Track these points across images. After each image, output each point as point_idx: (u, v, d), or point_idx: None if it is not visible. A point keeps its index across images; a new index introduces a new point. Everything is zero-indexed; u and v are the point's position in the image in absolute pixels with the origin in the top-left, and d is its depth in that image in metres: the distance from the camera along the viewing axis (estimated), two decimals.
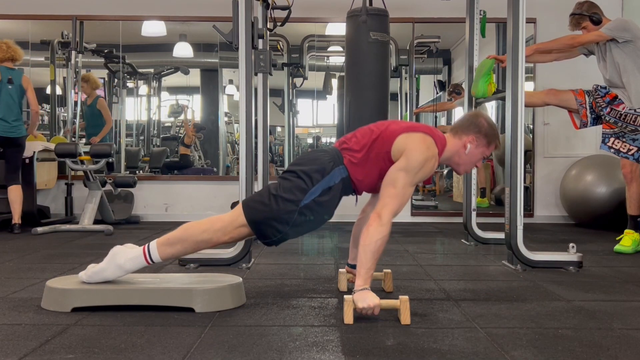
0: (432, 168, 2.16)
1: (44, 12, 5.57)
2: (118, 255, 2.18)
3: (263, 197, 2.16)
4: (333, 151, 2.23)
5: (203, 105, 6.88)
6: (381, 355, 1.64)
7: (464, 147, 2.25)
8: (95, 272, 2.18)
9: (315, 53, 6.21)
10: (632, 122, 3.57)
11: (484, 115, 2.30)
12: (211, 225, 2.18)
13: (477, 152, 2.27)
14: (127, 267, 2.17)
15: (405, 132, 2.17)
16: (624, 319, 2.08)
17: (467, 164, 2.30)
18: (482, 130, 2.25)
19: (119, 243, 2.27)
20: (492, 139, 2.27)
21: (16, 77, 4.50)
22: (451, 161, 2.31)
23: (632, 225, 3.68)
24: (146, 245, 2.16)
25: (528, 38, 5.03)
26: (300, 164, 2.21)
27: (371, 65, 3.76)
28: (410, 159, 2.10)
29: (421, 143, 2.14)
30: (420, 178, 2.14)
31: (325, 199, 2.15)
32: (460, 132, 2.27)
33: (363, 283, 2.01)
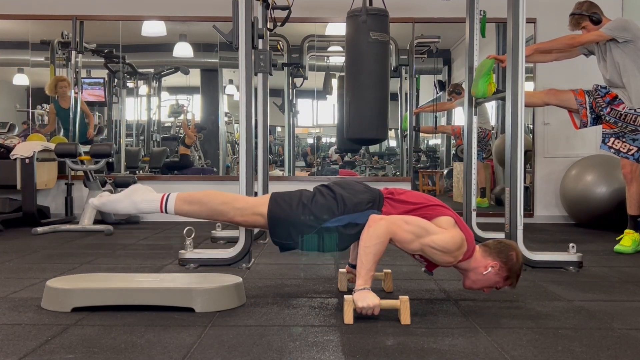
0: (444, 261, 2.10)
1: (44, 12, 5.57)
2: (137, 192, 2.19)
3: (293, 199, 2.17)
4: (377, 194, 2.23)
5: (203, 105, 6.88)
6: (381, 355, 1.64)
7: (485, 267, 2.14)
8: (109, 201, 2.19)
9: (315, 53, 6.21)
10: (632, 122, 3.57)
11: (518, 250, 2.18)
12: (233, 201, 2.20)
13: (493, 279, 2.15)
14: (141, 206, 2.18)
15: (454, 219, 2.13)
16: (624, 319, 2.08)
17: (477, 283, 2.18)
18: (509, 263, 2.13)
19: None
20: (512, 276, 2.15)
21: None
22: (465, 272, 2.19)
23: (632, 225, 3.68)
24: (166, 194, 2.18)
25: (528, 38, 5.04)
26: (342, 187, 2.22)
27: (371, 65, 3.76)
28: (439, 235, 2.06)
29: (458, 239, 2.07)
30: (429, 253, 2.08)
31: (347, 232, 2.15)
32: (489, 253, 2.15)
33: (363, 283, 2.01)
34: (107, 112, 6.48)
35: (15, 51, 6.12)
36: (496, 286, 2.17)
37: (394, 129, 6.58)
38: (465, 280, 2.21)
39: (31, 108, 6.13)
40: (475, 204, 3.97)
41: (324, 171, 6.74)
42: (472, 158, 4.00)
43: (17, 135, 5.67)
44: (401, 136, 6.33)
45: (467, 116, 4.09)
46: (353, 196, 2.18)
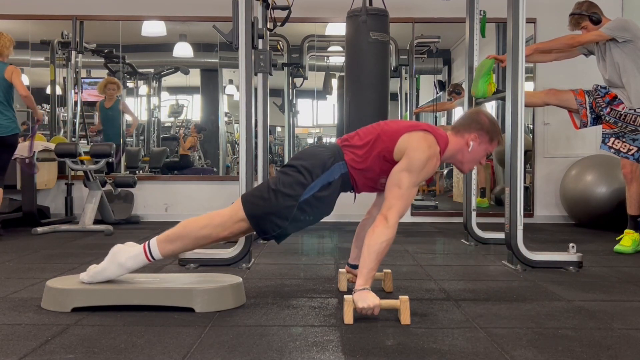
0: (434, 166, 2.16)
1: (44, 12, 5.57)
2: (119, 254, 2.18)
3: (262, 191, 2.16)
4: (334, 147, 2.24)
5: (203, 105, 6.88)
6: (381, 355, 1.64)
7: (466, 145, 2.24)
8: (97, 272, 2.18)
9: (315, 53, 6.21)
10: (632, 122, 3.57)
11: (484, 112, 2.29)
12: (210, 221, 2.18)
13: (481, 149, 2.27)
14: (128, 265, 2.17)
15: (407, 131, 2.17)
16: (624, 319, 2.08)
17: (471, 161, 2.29)
18: (484, 127, 2.25)
19: (119, 243, 2.27)
20: (495, 135, 2.28)
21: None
22: (454, 159, 2.30)
23: (632, 225, 3.68)
24: (146, 243, 2.17)
25: (528, 38, 5.03)
26: (300, 158, 2.21)
27: (371, 65, 3.76)
28: (412, 159, 2.10)
29: (423, 142, 2.13)
30: (424, 177, 2.14)
31: (325, 194, 2.15)
32: (462, 130, 2.26)
33: (364, 283, 2.01)
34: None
35: (15, 51, 6.06)
36: (488, 152, 2.28)
37: None
38: (460, 167, 2.31)
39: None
40: (475, 204, 3.97)
41: None
42: None
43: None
44: None
45: None
46: (313, 159, 2.18)
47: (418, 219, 5.53)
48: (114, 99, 6.04)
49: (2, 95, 4.17)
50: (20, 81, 4.22)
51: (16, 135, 4.25)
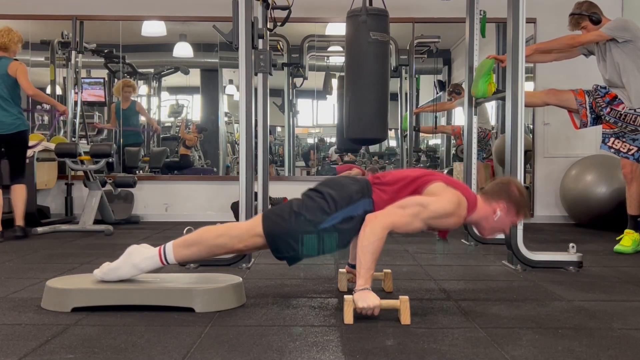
0: (451, 224, 2.11)
1: (44, 12, 5.57)
2: (134, 254, 2.18)
3: (284, 211, 2.16)
4: (364, 183, 2.22)
5: (203, 105, 6.88)
6: (381, 355, 1.64)
7: (493, 213, 2.17)
8: (110, 270, 2.18)
9: (315, 53, 6.21)
10: (632, 122, 3.57)
11: (516, 182, 2.22)
12: (228, 231, 2.19)
13: (507, 219, 2.19)
14: (142, 266, 2.17)
15: (443, 181, 2.15)
16: (624, 319, 2.08)
17: (494, 229, 2.21)
18: (512, 198, 2.18)
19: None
20: (522, 209, 2.20)
21: (1, 65, 4.08)
22: (478, 224, 2.23)
23: (632, 225, 3.68)
24: (162, 246, 2.17)
25: (528, 38, 5.03)
26: (328, 186, 2.21)
27: (371, 65, 3.76)
28: (435, 203, 2.07)
29: (455, 199, 2.09)
30: (433, 224, 2.09)
31: (345, 227, 2.14)
32: (491, 197, 2.19)
33: (364, 283, 2.00)
34: (107, 112, 6.48)
35: None
36: (513, 223, 2.22)
37: (394, 129, 6.58)
38: (482, 231, 2.24)
39: (31, 108, 6.13)
40: None
41: (323, 171, 6.74)
42: (472, 158, 4.00)
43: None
44: (401, 136, 6.33)
45: (467, 116, 4.09)
46: (341, 191, 2.17)
47: None
48: (130, 100, 6.15)
49: (6, 92, 4.09)
50: (25, 79, 4.12)
51: (22, 132, 4.14)
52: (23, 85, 4.12)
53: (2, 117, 4.06)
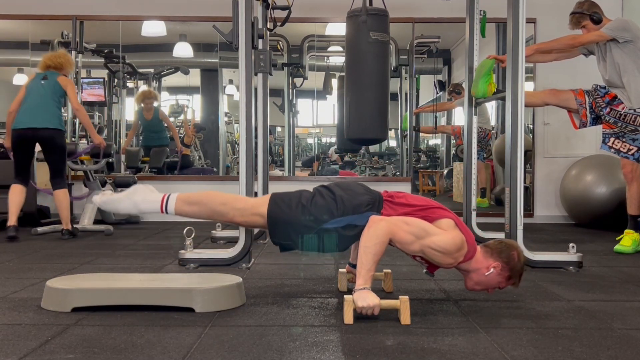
0: (444, 263, 2.10)
1: (44, 12, 5.57)
2: (137, 193, 2.20)
3: (292, 200, 2.17)
4: (377, 196, 2.23)
5: (203, 105, 6.88)
6: (381, 355, 1.64)
7: (487, 268, 2.14)
8: (111, 200, 2.20)
9: (315, 53, 6.21)
10: (632, 122, 3.57)
11: (519, 249, 2.18)
12: (233, 201, 2.21)
13: (495, 279, 2.15)
14: (142, 207, 2.19)
15: (454, 221, 2.13)
16: (624, 319, 2.08)
17: (480, 284, 2.17)
18: (510, 262, 2.13)
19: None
20: (514, 276, 2.14)
21: (52, 75, 4.27)
22: (467, 273, 2.19)
23: (632, 225, 3.68)
24: (166, 195, 2.19)
25: (528, 38, 5.03)
26: (343, 188, 2.22)
27: (371, 65, 3.76)
28: (439, 235, 2.06)
29: (458, 241, 2.07)
30: (429, 254, 2.08)
31: (346, 233, 2.16)
32: (491, 253, 2.16)
33: (364, 283, 2.01)
34: (107, 112, 6.48)
35: (15, 51, 6.12)
36: (499, 286, 2.17)
37: (394, 129, 6.58)
38: (468, 282, 2.20)
39: None
40: (475, 204, 3.97)
41: (323, 171, 6.74)
42: (472, 158, 4.00)
43: None
44: (401, 136, 6.33)
45: (467, 116, 4.09)
46: (353, 198, 2.19)
47: None
48: (153, 109, 6.23)
49: (50, 95, 4.19)
50: (74, 93, 4.29)
51: (58, 132, 4.15)
52: (71, 97, 4.27)
53: (41, 112, 4.12)
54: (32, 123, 4.07)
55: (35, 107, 4.12)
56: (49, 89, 4.20)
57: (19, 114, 4.12)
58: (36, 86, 4.20)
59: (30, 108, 4.12)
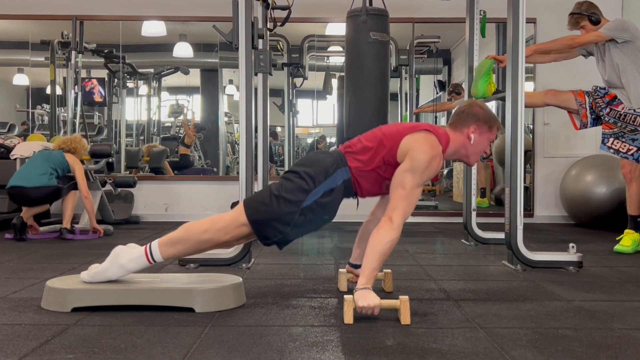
0: (437, 166, 2.17)
1: (44, 12, 5.57)
2: (120, 255, 2.18)
3: (264, 197, 2.16)
4: (336, 154, 2.25)
5: (203, 105, 6.88)
6: (381, 355, 1.64)
7: (467, 138, 2.26)
8: (97, 272, 2.18)
9: (315, 53, 6.21)
10: (632, 122, 3.57)
11: (477, 102, 2.32)
12: (212, 225, 2.18)
13: (483, 139, 2.29)
14: (129, 267, 2.17)
15: (409, 132, 2.18)
16: (624, 319, 2.08)
17: (476, 153, 2.31)
18: (480, 117, 2.27)
19: (119, 243, 2.27)
20: (492, 122, 2.29)
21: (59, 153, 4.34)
22: (459, 155, 2.32)
23: (632, 225, 3.68)
24: (148, 245, 2.16)
25: (528, 38, 5.03)
26: (302, 164, 2.21)
27: (371, 65, 3.76)
28: (415, 159, 2.11)
29: (425, 142, 2.15)
30: (427, 177, 2.16)
31: (327, 200, 2.16)
32: (460, 125, 2.28)
33: (366, 282, 2.01)
34: (107, 112, 6.48)
35: (15, 51, 6.12)
36: (491, 140, 2.30)
37: None
38: (467, 160, 2.33)
39: (31, 108, 6.14)
40: (475, 204, 3.97)
41: None
42: None
43: (17, 135, 5.67)
44: None
45: None
46: (316, 166, 2.18)
47: (418, 219, 5.53)
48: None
49: (48, 161, 4.24)
50: (82, 176, 4.29)
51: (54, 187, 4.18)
52: (79, 181, 4.27)
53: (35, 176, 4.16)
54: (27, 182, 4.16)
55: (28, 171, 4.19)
56: (49, 156, 4.29)
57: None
58: (38, 155, 4.32)
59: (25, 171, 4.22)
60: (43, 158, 4.28)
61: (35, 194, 4.15)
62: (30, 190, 4.12)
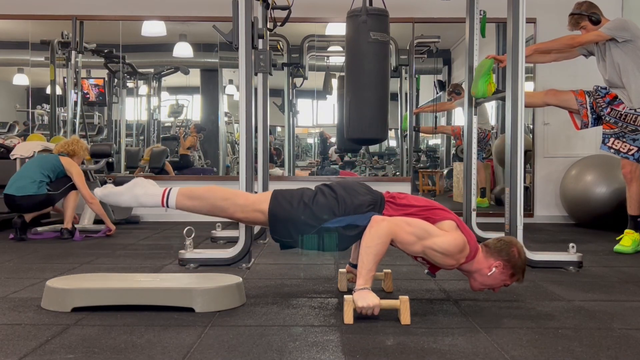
0: (446, 264, 2.10)
1: (44, 12, 5.57)
2: (138, 186, 2.20)
3: (294, 197, 2.18)
4: (378, 196, 2.23)
5: (203, 105, 6.88)
6: (381, 355, 1.64)
7: (488, 268, 2.14)
8: (112, 192, 2.20)
9: (315, 53, 6.21)
10: (632, 122, 3.57)
11: (518, 244, 2.18)
12: (234, 197, 2.20)
13: (499, 278, 2.15)
14: (142, 200, 2.19)
15: (456, 222, 2.13)
16: (624, 319, 2.08)
17: (484, 284, 2.18)
18: (511, 260, 2.13)
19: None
20: (517, 273, 2.14)
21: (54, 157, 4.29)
22: (470, 274, 2.19)
23: (632, 225, 3.68)
24: (167, 189, 2.19)
25: (528, 38, 5.03)
26: (344, 188, 2.21)
27: (371, 65, 3.76)
28: (441, 237, 2.06)
29: (460, 242, 2.07)
30: (430, 255, 2.08)
31: (347, 233, 2.16)
32: (491, 253, 2.15)
33: (364, 283, 2.01)
34: (107, 112, 6.48)
35: (15, 51, 6.12)
36: (504, 284, 2.16)
37: (394, 129, 6.58)
38: (472, 282, 2.20)
39: (31, 108, 6.14)
40: (475, 204, 3.97)
41: (323, 171, 6.74)
42: (472, 158, 4.00)
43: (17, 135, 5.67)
44: (401, 136, 6.33)
45: (467, 116, 4.09)
46: (354, 197, 2.19)
47: None
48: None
49: (42, 167, 4.20)
50: (81, 181, 4.23)
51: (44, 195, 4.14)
52: (79, 187, 4.24)
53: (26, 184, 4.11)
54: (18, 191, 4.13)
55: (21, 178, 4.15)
56: (43, 160, 4.25)
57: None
58: (33, 159, 4.30)
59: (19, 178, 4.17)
60: (36, 164, 4.24)
61: (25, 203, 4.12)
62: (19, 198, 4.10)
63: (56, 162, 4.25)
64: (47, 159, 4.28)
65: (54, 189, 4.21)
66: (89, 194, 4.25)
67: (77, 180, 4.22)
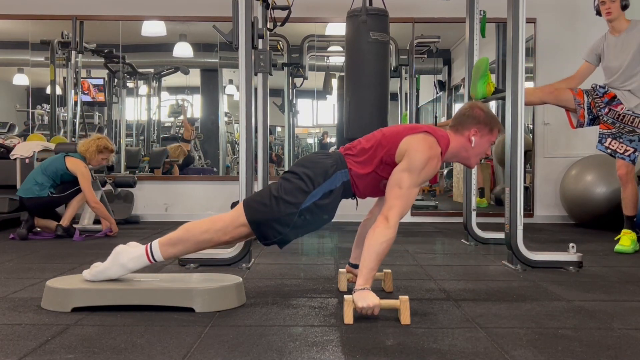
0: (435, 167, 2.17)
1: (44, 12, 5.57)
2: (121, 254, 2.19)
3: (264, 197, 2.17)
4: (336, 155, 2.25)
5: (203, 105, 6.88)
6: (381, 355, 1.64)
7: (468, 141, 2.27)
8: (99, 272, 2.19)
9: (315, 53, 6.21)
10: (630, 123, 3.57)
11: (478, 104, 2.32)
12: (212, 225, 2.19)
13: (483, 141, 2.30)
14: (130, 266, 2.18)
15: (408, 133, 2.19)
16: (624, 319, 2.08)
17: (477, 155, 2.32)
18: (480, 120, 2.27)
19: (120, 243, 2.27)
20: (493, 125, 2.30)
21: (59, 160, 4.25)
22: (459, 157, 2.33)
23: (629, 225, 3.69)
24: (148, 245, 2.17)
25: (528, 38, 5.03)
26: (302, 165, 2.22)
27: (371, 65, 3.76)
28: (413, 159, 2.12)
29: (423, 143, 2.15)
30: (424, 178, 2.16)
31: (326, 202, 2.16)
32: (460, 127, 2.29)
33: (364, 283, 2.01)
34: (107, 112, 6.48)
35: (15, 51, 6.12)
36: (492, 143, 2.30)
37: None
38: (467, 162, 2.34)
39: (31, 108, 6.14)
40: (475, 204, 3.97)
41: None
42: None
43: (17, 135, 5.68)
44: None
45: None
46: (316, 168, 2.19)
47: (418, 219, 5.53)
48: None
49: (47, 170, 4.21)
50: (87, 184, 4.19)
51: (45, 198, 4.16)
52: (84, 190, 4.20)
53: (31, 187, 4.18)
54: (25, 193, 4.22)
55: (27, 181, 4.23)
56: (48, 163, 4.25)
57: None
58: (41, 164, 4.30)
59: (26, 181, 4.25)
60: (42, 167, 4.26)
61: (30, 205, 4.18)
62: (25, 200, 4.17)
63: (59, 164, 4.23)
64: (51, 162, 4.28)
65: (59, 191, 4.22)
66: (93, 198, 4.23)
67: (82, 182, 4.20)
